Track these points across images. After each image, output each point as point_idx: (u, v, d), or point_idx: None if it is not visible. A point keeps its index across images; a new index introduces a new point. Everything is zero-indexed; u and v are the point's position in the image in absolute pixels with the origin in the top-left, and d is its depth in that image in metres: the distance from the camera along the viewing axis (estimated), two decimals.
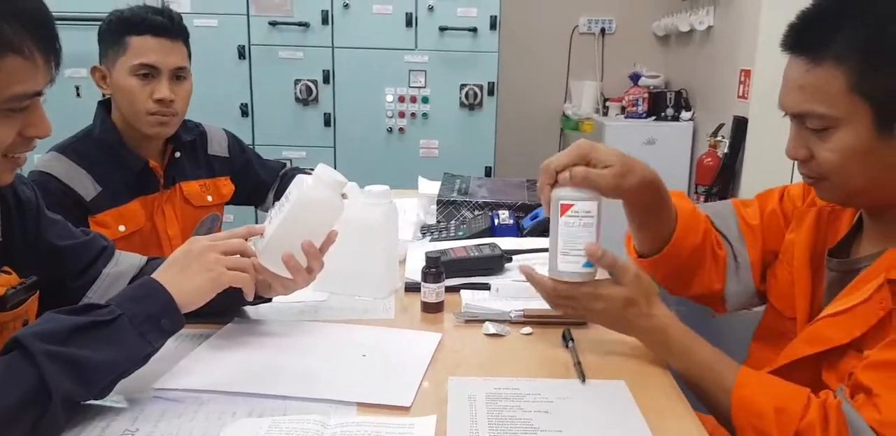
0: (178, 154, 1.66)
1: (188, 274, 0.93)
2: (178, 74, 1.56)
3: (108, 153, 1.56)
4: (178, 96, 1.56)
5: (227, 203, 1.84)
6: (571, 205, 0.95)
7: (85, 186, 1.51)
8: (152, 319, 0.88)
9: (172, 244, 1.65)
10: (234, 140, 1.86)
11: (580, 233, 0.95)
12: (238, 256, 0.97)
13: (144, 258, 1.17)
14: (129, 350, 0.85)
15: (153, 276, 0.92)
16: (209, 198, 1.74)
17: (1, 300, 0.94)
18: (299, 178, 1.03)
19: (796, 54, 0.91)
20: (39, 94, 0.84)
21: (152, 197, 1.62)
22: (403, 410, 0.88)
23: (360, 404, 0.88)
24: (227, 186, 1.80)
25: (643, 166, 0.99)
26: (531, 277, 1.01)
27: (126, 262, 1.14)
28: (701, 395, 0.97)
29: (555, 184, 0.97)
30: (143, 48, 1.51)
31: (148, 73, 1.52)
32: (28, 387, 0.76)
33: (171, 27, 1.54)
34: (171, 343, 0.94)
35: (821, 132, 0.90)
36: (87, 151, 1.54)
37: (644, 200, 1.03)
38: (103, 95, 1.63)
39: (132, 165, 1.58)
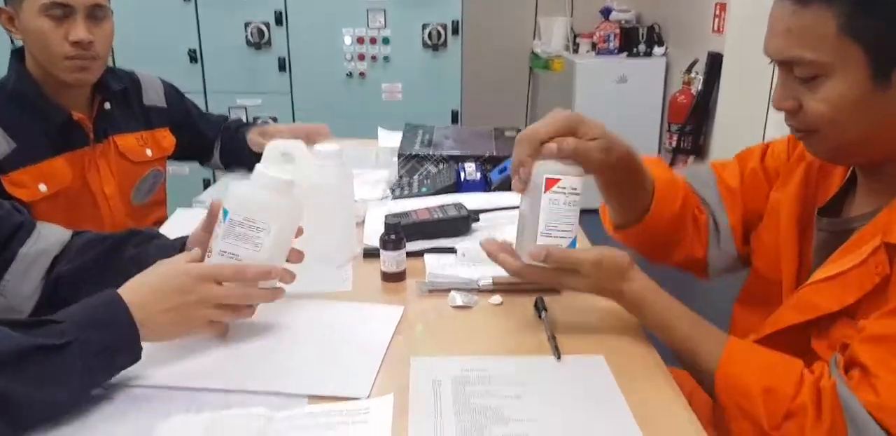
0: (107, 105, 1.52)
1: (172, 317, 0.81)
2: (96, 13, 1.40)
3: (24, 106, 1.41)
4: (98, 37, 1.40)
5: (171, 158, 1.70)
6: (558, 180, 0.85)
7: None
8: (107, 352, 0.76)
9: (110, 204, 1.53)
10: (171, 88, 1.71)
11: (564, 212, 0.86)
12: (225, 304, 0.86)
13: (69, 233, 1.05)
14: (71, 387, 0.73)
15: (125, 295, 0.79)
16: (148, 152, 1.61)
17: None
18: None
19: None
20: None
21: (81, 152, 1.48)
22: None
23: (311, 397, 0.79)
24: (166, 138, 1.66)
25: (622, 141, 0.92)
26: (495, 258, 0.91)
27: (48, 238, 1.02)
28: (686, 367, 0.90)
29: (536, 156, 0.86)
30: None
31: (61, 13, 1.35)
32: None
33: None
34: None
35: (810, 81, 0.81)
36: (2, 105, 1.40)
37: (620, 173, 0.96)
38: (12, 42, 1.46)
39: (52, 117, 1.43)
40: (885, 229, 0.80)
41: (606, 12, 3.89)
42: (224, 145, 1.75)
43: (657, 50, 3.69)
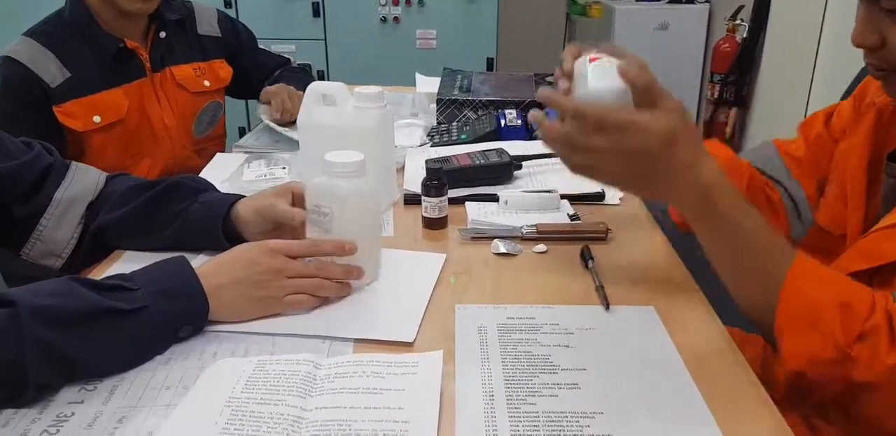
0: (163, 34, 1.50)
1: (240, 290, 0.80)
2: None
3: (79, 35, 1.41)
4: None
5: (227, 89, 1.68)
6: (599, 57, 0.78)
7: (50, 71, 1.37)
8: (173, 322, 0.76)
9: (171, 135, 1.53)
10: (225, 18, 1.68)
11: (613, 72, 0.75)
12: (306, 279, 0.83)
13: (103, 177, 1.03)
14: (134, 351, 0.73)
15: (201, 272, 0.79)
16: (206, 83, 1.59)
17: None
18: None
19: None
20: None
21: (138, 83, 1.47)
22: (406, 345, 0.78)
23: (356, 341, 0.79)
24: (224, 69, 1.64)
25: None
26: (550, 98, 0.77)
27: (81, 182, 1.00)
28: (742, 283, 0.80)
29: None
30: None
31: None
32: (4, 369, 0.66)
33: None
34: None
35: None
36: (57, 33, 1.40)
37: None
38: None
39: (107, 46, 1.42)
40: None
41: None
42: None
43: None
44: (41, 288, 0.72)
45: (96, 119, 1.41)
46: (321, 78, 3.14)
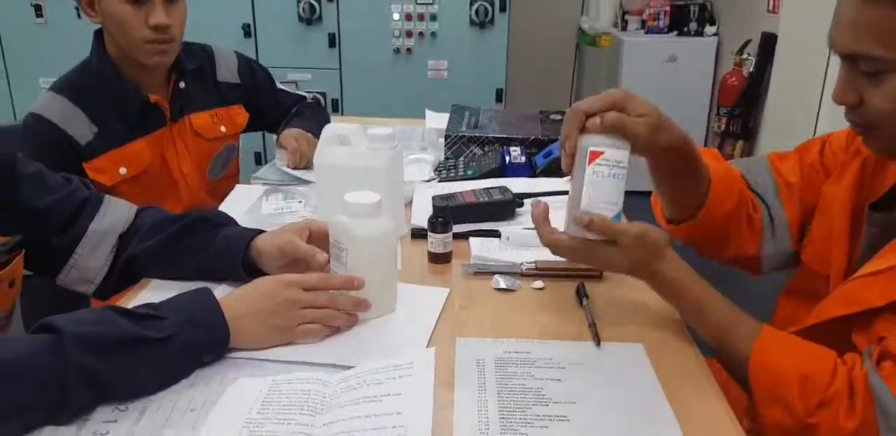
0: (182, 84, 1.56)
1: (258, 320, 0.87)
2: None
3: (105, 89, 1.47)
4: (174, 20, 1.44)
5: (245, 129, 1.75)
6: (601, 152, 0.85)
7: (81, 128, 1.43)
8: (198, 349, 0.83)
9: (188, 181, 1.59)
10: (245, 63, 1.74)
11: (609, 185, 0.85)
12: (321, 309, 0.90)
13: (134, 210, 1.11)
14: (162, 376, 0.81)
15: (223, 303, 0.86)
16: (222, 128, 1.65)
17: None
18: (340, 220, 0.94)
19: None
20: None
21: (159, 133, 1.53)
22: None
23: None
24: (240, 115, 1.70)
25: (675, 125, 0.91)
26: (538, 224, 0.90)
27: (114, 215, 1.08)
28: (718, 353, 0.91)
29: (582, 131, 0.86)
30: None
31: None
32: (47, 391, 0.73)
33: None
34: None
35: (874, 76, 0.80)
36: (84, 88, 1.46)
37: (674, 160, 0.95)
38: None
39: (131, 101, 1.48)
40: None
41: None
42: (284, 125, 1.77)
43: (708, 29, 3.62)
44: (82, 317, 0.79)
45: (122, 171, 1.47)
46: (335, 106, 3.23)
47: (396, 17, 3.11)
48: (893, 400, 0.75)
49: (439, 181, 1.47)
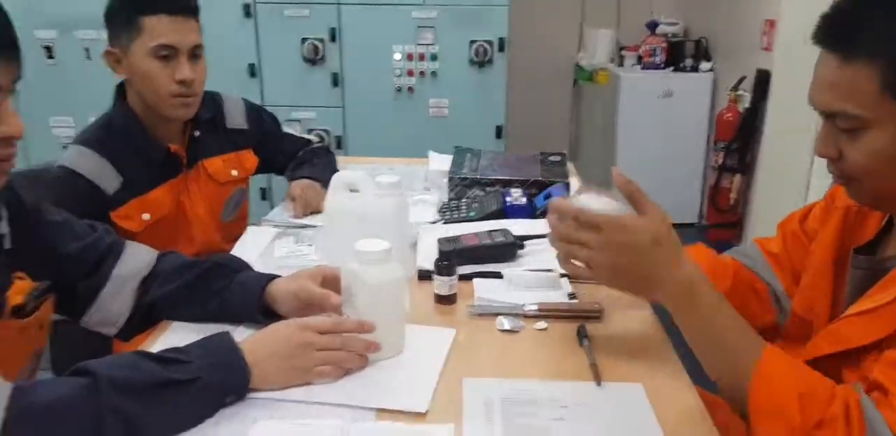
0: (197, 133, 1.63)
1: (277, 362, 0.91)
2: (195, 53, 1.52)
3: (129, 141, 1.53)
4: (198, 75, 1.52)
5: (252, 174, 1.81)
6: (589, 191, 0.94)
7: (109, 179, 1.49)
8: (221, 391, 0.88)
9: (202, 222, 1.65)
10: (252, 109, 1.81)
11: (605, 201, 0.92)
12: (335, 351, 0.95)
13: (154, 255, 1.16)
14: (188, 416, 0.85)
15: (244, 347, 0.91)
16: (234, 172, 1.72)
17: (21, 307, 0.94)
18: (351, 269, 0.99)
19: (828, 49, 0.86)
20: None
21: (177, 180, 1.60)
22: (420, 415, 0.88)
23: (378, 410, 0.89)
24: (250, 160, 1.77)
25: None
26: (556, 205, 0.94)
27: (136, 261, 1.13)
28: (716, 369, 0.91)
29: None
30: (160, 28, 1.46)
31: (167, 54, 1.47)
32: (84, 430, 0.78)
33: (185, 4, 1.49)
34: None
35: (851, 132, 0.86)
36: (110, 142, 1.52)
37: None
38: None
39: (154, 152, 1.55)
40: None
41: (653, 26, 3.92)
42: (291, 170, 1.84)
43: (704, 65, 3.71)
44: (114, 361, 0.85)
45: (146, 217, 1.53)
46: (339, 143, 3.31)
47: (398, 56, 3.20)
48: (884, 424, 0.78)
49: (444, 223, 1.52)
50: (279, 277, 1.10)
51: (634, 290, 0.95)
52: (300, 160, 1.84)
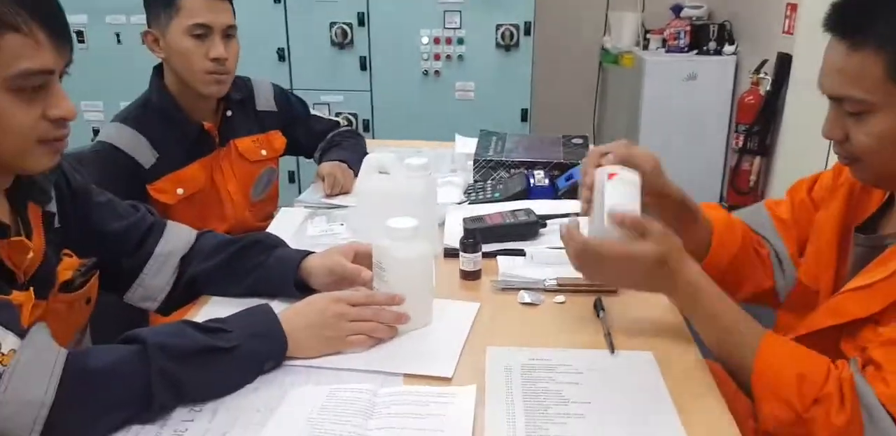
0: (229, 113, 1.72)
1: (312, 332, 0.99)
2: (229, 33, 1.61)
3: (165, 120, 1.63)
4: (230, 54, 1.61)
5: (283, 154, 1.90)
6: (616, 173, 1.00)
7: (145, 154, 1.59)
8: (260, 358, 0.95)
9: (233, 199, 1.74)
10: (280, 93, 1.89)
11: (628, 195, 0.98)
12: (366, 322, 1.02)
13: (194, 234, 1.22)
14: (230, 380, 0.93)
15: (282, 317, 0.98)
16: (263, 152, 1.81)
17: (70, 283, 1.02)
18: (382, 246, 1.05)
19: (837, 36, 0.91)
20: (51, 72, 0.85)
21: (210, 157, 1.69)
22: (445, 380, 0.96)
23: (406, 375, 0.97)
24: (278, 140, 1.85)
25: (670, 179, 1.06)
26: (567, 234, 1.01)
27: (177, 239, 1.19)
28: (723, 356, 1.00)
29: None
30: (196, 8, 1.55)
31: (202, 33, 1.56)
32: (135, 392, 0.86)
33: None
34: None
35: (857, 115, 0.91)
36: (147, 119, 1.62)
37: (674, 208, 1.09)
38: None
39: (188, 129, 1.64)
40: None
41: (677, 9, 3.92)
42: (321, 153, 1.92)
43: (727, 48, 3.70)
44: (162, 329, 0.93)
45: (180, 191, 1.63)
46: (366, 127, 3.38)
47: (425, 40, 3.25)
48: (874, 397, 0.86)
49: (469, 203, 1.59)
50: (314, 253, 1.18)
51: (645, 291, 1.05)
52: (329, 143, 1.92)
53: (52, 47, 0.84)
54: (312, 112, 1.99)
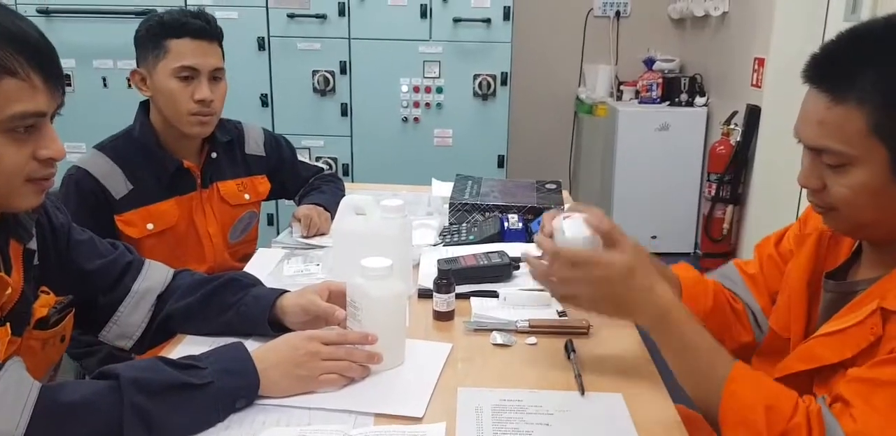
0: (214, 154, 1.73)
1: (285, 369, 0.99)
2: (216, 75, 1.63)
3: (144, 154, 1.64)
4: (216, 96, 1.63)
5: (264, 200, 1.91)
6: (570, 215, 1.02)
7: (118, 183, 1.59)
8: (232, 396, 0.95)
9: (213, 241, 1.74)
10: (271, 138, 1.92)
11: (585, 226, 0.99)
12: (339, 361, 1.02)
13: (171, 272, 1.23)
14: (202, 417, 0.92)
15: (254, 355, 0.98)
16: (246, 196, 1.82)
17: (45, 320, 1.02)
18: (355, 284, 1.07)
19: (818, 88, 0.91)
20: (43, 114, 0.87)
21: (189, 197, 1.70)
22: (416, 420, 0.96)
23: (377, 415, 0.97)
24: (263, 184, 1.87)
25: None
26: (540, 241, 1.02)
27: (153, 277, 1.20)
28: (690, 383, 0.98)
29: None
30: (183, 51, 1.58)
31: (188, 75, 1.59)
32: (106, 427, 0.85)
33: (209, 30, 1.61)
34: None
35: (836, 167, 0.91)
36: (125, 150, 1.63)
37: None
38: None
39: (167, 165, 1.65)
40: (882, 295, 0.91)
41: (650, 62, 4.05)
42: (300, 197, 1.94)
43: (699, 100, 3.83)
44: (136, 364, 0.93)
45: (150, 226, 1.63)
46: (346, 171, 3.42)
47: (405, 89, 3.33)
48: (842, 431, 0.85)
49: (444, 245, 1.61)
50: (288, 291, 1.18)
51: (615, 315, 1.02)
52: (310, 187, 1.94)
53: (46, 91, 0.87)
54: (299, 158, 2.02)
